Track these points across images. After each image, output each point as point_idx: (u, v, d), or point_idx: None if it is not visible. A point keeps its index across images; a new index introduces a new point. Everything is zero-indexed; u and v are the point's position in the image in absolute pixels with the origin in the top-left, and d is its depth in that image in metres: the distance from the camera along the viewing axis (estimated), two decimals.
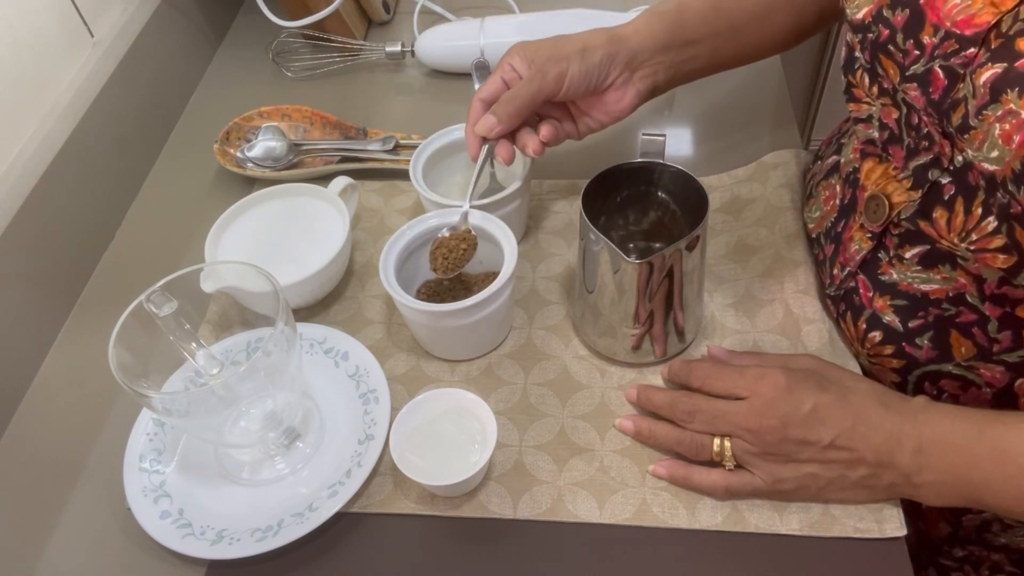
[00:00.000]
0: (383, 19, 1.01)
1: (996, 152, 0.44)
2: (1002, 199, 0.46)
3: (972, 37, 0.45)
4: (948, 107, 0.47)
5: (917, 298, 0.56)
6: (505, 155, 0.65)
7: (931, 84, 0.48)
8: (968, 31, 0.45)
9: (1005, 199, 0.46)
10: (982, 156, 0.45)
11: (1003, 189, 0.45)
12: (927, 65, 0.48)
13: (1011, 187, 0.44)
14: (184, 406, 0.54)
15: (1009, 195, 0.45)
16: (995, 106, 0.44)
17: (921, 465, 0.51)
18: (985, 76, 0.44)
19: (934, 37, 0.47)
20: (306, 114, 0.85)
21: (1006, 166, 0.44)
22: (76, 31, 0.80)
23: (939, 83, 0.48)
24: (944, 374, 0.58)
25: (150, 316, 0.55)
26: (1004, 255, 0.48)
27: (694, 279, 0.59)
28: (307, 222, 0.71)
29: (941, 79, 0.47)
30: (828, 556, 0.53)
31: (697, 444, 0.56)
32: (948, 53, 0.47)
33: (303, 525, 0.55)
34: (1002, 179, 0.45)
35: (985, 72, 0.44)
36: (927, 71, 0.48)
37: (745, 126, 0.83)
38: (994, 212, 0.47)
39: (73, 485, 0.62)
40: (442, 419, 0.59)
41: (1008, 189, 0.45)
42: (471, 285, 0.68)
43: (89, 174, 0.77)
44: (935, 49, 0.47)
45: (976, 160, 0.46)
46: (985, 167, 0.46)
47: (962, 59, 0.46)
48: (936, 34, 0.47)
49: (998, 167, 0.45)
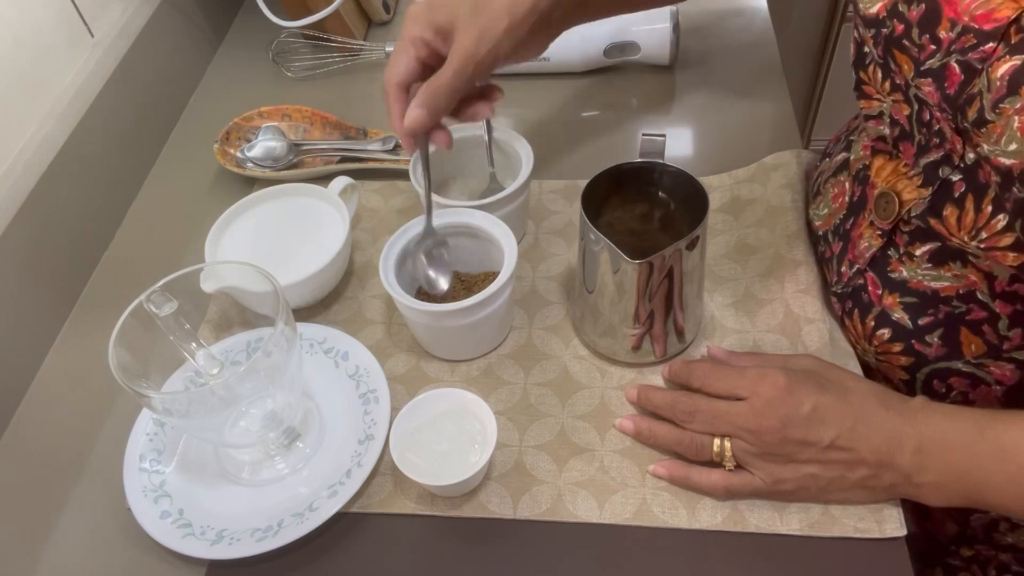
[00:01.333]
0: (383, 19, 1.01)
1: (1015, 145, 0.44)
2: (1018, 193, 0.46)
3: (991, 32, 0.45)
4: (964, 102, 0.47)
5: (927, 295, 0.56)
6: (444, 142, 0.60)
7: (947, 79, 0.48)
8: (987, 26, 0.45)
9: (1021, 193, 0.46)
10: (999, 150, 0.45)
11: (1020, 183, 0.45)
12: (943, 60, 0.48)
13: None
14: (184, 406, 0.54)
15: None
16: (1013, 99, 0.43)
17: (921, 465, 0.51)
18: (1002, 69, 0.44)
19: (951, 32, 0.47)
20: (306, 114, 0.85)
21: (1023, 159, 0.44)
22: (76, 31, 0.80)
23: (955, 78, 0.47)
24: (953, 372, 0.58)
25: (150, 316, 0.55)
26: (1014, 252, 0.48)
27: (694, 279, 0.59)
28: (307, 222, 0.71)
29: (957, 74, 0.47)
30: (828, 556, 0.53)
31: (697, 444, 0.56)
32: (965, 48, 0.46)
33: (303, 525, 0.55)
34: (1020, 172, 0.45)
35: (1002, 65, 0.44)
36: (943, 66, 0.48)
37: (745, 126, 0.83)
38: (1007, 208, 0.47)
39: (73, 485, 0.62)
40: (442, 419, 0.59)
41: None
42: (471, 285, 0.68)
43: (89, 174, 0.77)
44: (952, 44, 0.47)
45: (993, 155, 0.46)
46: (1002, 161, 0.45)
47: (980, 54, 0.45)
48: (953, 29, 0.47)
49: (1016, 160, 0.45)
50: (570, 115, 0.86)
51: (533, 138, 0.72)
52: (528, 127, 0.81)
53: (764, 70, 0.88)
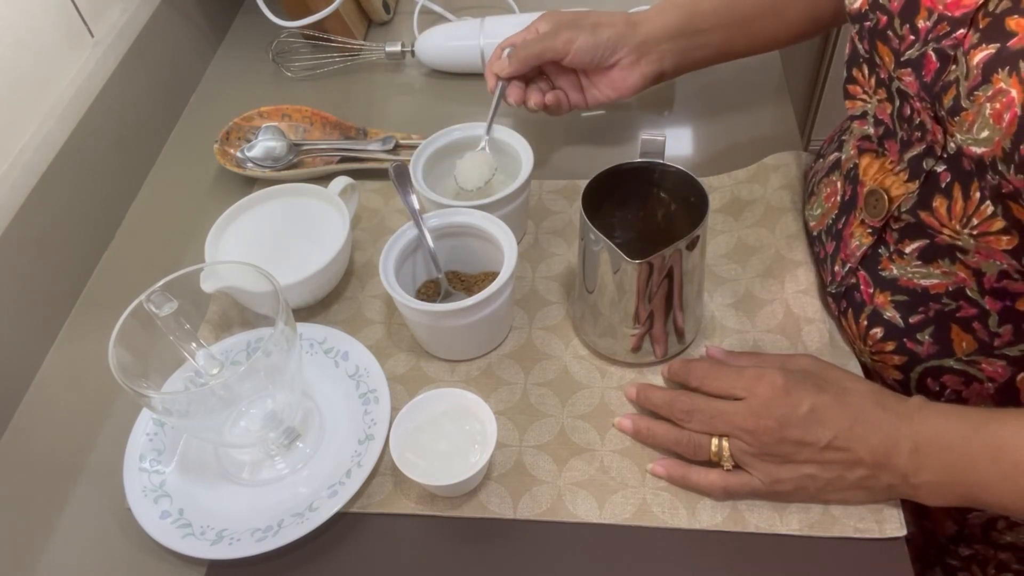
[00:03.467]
0: (383, 19, 1.01)
1: (986, 132, 0.45)
2: (992, 180, 0.46)
3: (961, 18, 0.46)
4: (939, 90, 0.48)
5: (917, 293, 0.56)
6: (515, 96, 0.72)
7: (923, 67, 0.49)
8: (957, 12, 0.46)
9: (995, 180, 0.46)
10: (971, 139, 0.46)
11: (992, 170, 0.46)
12: (921, 49, 0.49)
13: (1000, 167, 0.45)
14: (184, 406, 0.54)
15: (999, 175, 0.45)
16: (986, 86, 0.44)
17: (919, 465, 0.51)
18: (978, 57, 0.44)
19: (928, 21, 0.48)
20: (306, 114, 0.85)
21: (996, 145, 0.44)
22: (76, 31, 0.80)
23: (931, 66, 0.48)
24: (946, 369, 0.58)
25: (150, 316, 0.55)
26: (1007, 236, 0.49)
27: (694, 279, 0.60)
28: (307, 222, 0.71)
29: (933, 62, 0.48)
30: (828, 556, 0.53)
31: (695, 444, 0.56)
32: (940, 36, 0.47)
33: (303, 525, 0.55)
34: (991, 160, 0.45)
35: (979, 53, 0.45)
36: (920, 55, 0.49)
37: (745, 127, 0.83)
38: (987, 195, 0.48)
39: (73, 485, 0.62)
40: (442, 419, 0.59)
41: (998, 169, 0.45)
42: (471, 285, 0.68)
43: (89, 174, 0.77)
44: (928, 33, 0.48)
45: (965, 144, 0.46)
46: (973, 151, 0.46)
47: (952, 40, 0.46)
48: (930, 17, 0.48)
49: (987, 148, 0.45)
50: (570, 115, 0.86)
51: (533, 138, 0.72)
52: (528, 127, 0.81)
53: (764, 70, 0.88)
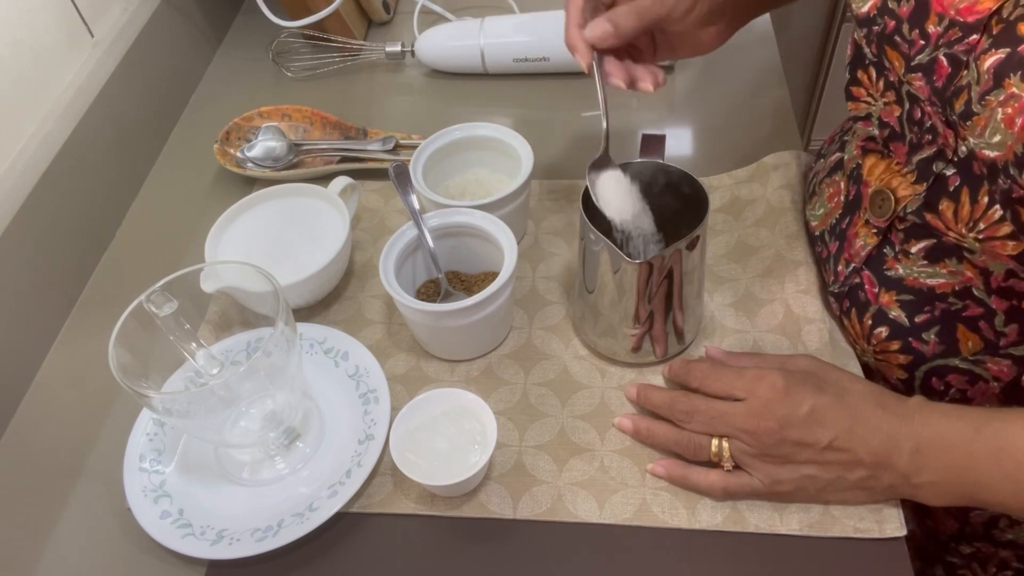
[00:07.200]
0: (383, 19, 1.01)
1: (999, 137, 0.45)
2: (1003, 185, 0.46)
3: (974, 24, 0.46)
4: (951, 95, 0.48)
5: (923, 293, 0.56)
6: (622, 76, 0.56)
7: (935, 72, 0.49)
8: (970, 18, 0.46)
9: (1007, 184, 0.46)
10: (984, 143, 0.46)
11: (1004, 174, 0.46)
12: (932, 54, 0.49)
13: (1012, 171, 0.45)
14: (184, 406, 0.54)
15: (1010, 179, 0.45)
16: (998, 91, 0.44)
17: (919, 466, 0.51)
18: (989, 62, 0.45)
19: (939, 26, 0.48)
20: (306, 114, 0.85)
21: (1008, 150, 0.44)
22: (76, 31, 0.80)
23: (943, 71, 0.48)
24: (951, 369, 0.58)
25: (150, 316, 0.55)
26: (1013, 242, 0.49)
27: (694, 279, 0.59)
28: (307, 222, 0.71)
29: (945, 67, 0.48)
30: (828, 556, 0.53)
31: (695, 444, 0.56)
32: (952, 41, 0.47)
33: (303, 525, 0.55)
34: (1003, 164, 0.45)
35: (989, 58, 0.45)
36: (932, 60, 0.49)
37: (745, 126, 0.83)
38: (998, 199, 0.47)
39: (73, 485, 0.62)
40: (442, 419, 0.59)
41: (1010, 173, 0.45)
42: (471, 285, 0.68)
43: (89, 174, 0.77)
44: (939, 38, 0.48)
45: (977, 148, 0.46)
46: (986, 154, 0.46)
47: (965, 46, 0.46)
48: (940, 23, 0.48)
49: (999, 152, 0.45)
50: (570, 115, 0.86)
51: (533, 138, 0.72)
52: (528, 127, 0.81)
53: (764, 70, 0.88)
